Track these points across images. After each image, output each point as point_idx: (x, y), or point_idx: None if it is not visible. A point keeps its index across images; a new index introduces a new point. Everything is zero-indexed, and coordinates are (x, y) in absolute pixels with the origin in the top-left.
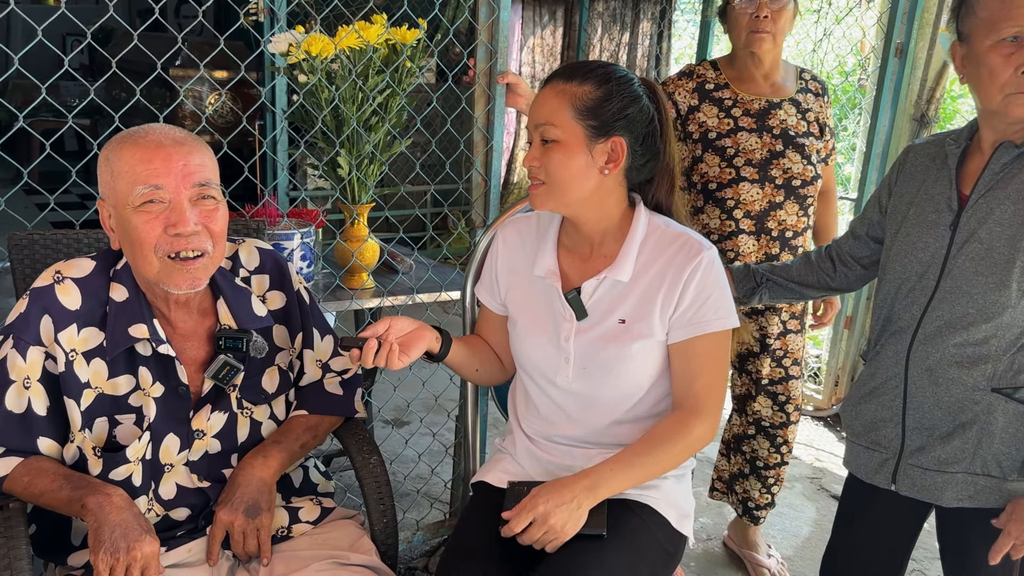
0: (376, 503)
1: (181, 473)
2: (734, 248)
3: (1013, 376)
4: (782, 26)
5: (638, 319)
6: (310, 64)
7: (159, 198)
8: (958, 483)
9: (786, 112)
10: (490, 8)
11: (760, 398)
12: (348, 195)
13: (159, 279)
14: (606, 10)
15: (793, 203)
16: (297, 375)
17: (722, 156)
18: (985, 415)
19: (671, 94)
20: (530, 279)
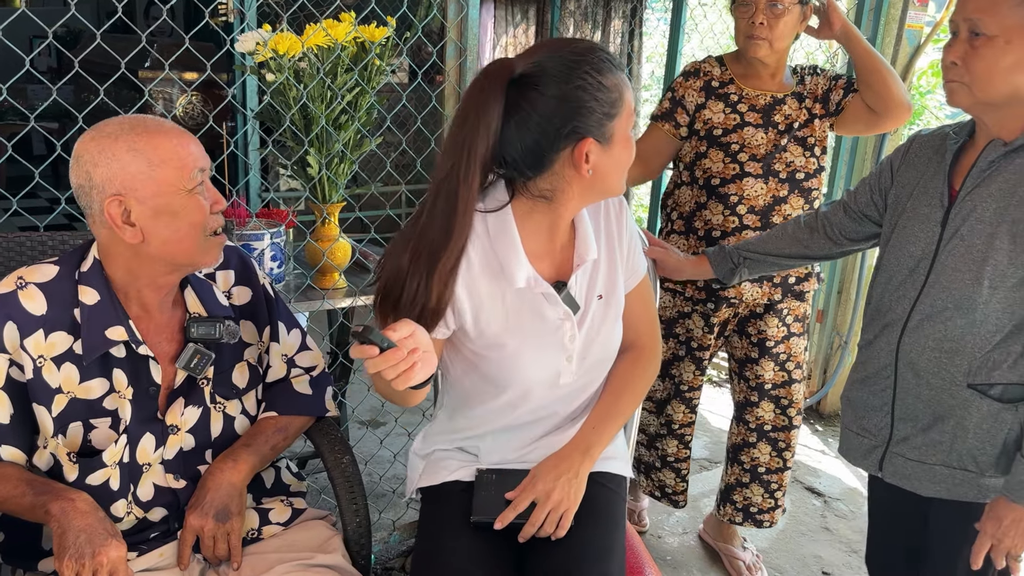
0: (348, 503)
1: (157, 472)
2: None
3: (988, 373)
4: (780, 32)
5: (611, 290)
6: (277, 63)
7: (203, 180)
8: (936, 475)
9: (790, 107)
10: (459, 6)
11: (763, 403)
12: (318, 194)
13: (196, 258)
14: (577, 8)
15: (797, 196)
16: (264, 370)
17: (726, 152)
18: (961, 410)
19: (680, 99)
20: (506, 296)
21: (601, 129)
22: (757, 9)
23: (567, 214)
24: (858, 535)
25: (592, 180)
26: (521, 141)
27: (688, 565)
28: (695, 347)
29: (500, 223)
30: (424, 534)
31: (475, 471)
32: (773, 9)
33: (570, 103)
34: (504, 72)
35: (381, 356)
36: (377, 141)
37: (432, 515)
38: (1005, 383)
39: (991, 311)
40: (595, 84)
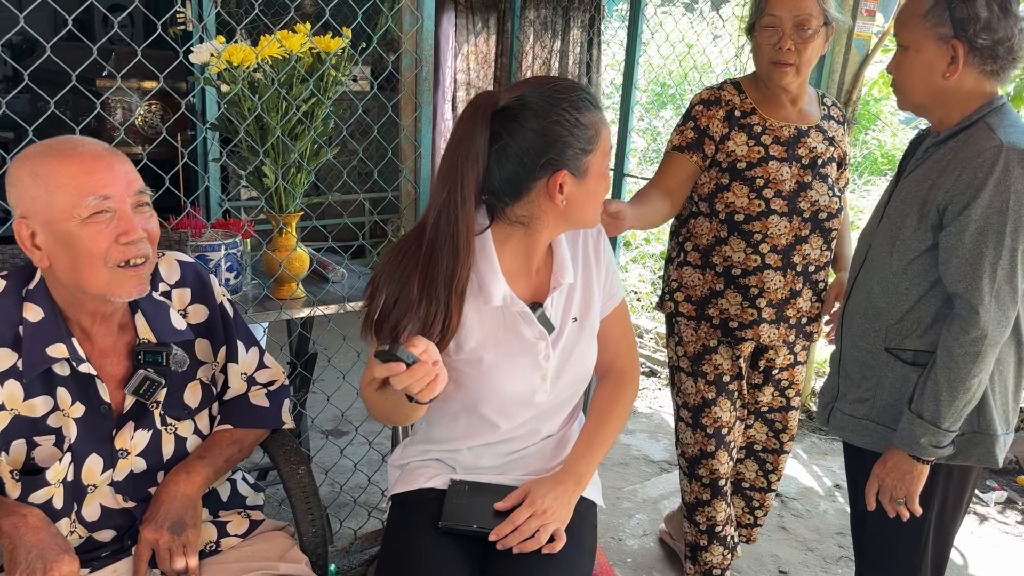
0: (305, 513)
1: (105, 493)
2: (759, 284)
3: (902, 339)
4: (808, 57)
5: (586, 313)
6: (231, 74)
7: (108, 208)
8: (864, 428)
9: (814, 139)
10: (414, 17)
11: (757, 424)
12: (274, 204)
13: (107, 290)
14: (537, 18)
15: (818, 236)
16: (221, 389)
17: (751, 187)
18: (880, 370)
19: (705, 129)
20: (485, 313)
21: (576, 163)
22: (784, 34)
23: (543, 240)
24: (814, 534)
25: (566, 210)
26: (501, 169)
27: (649, 567)
28: (727, 381)
29: (480, 245)
30: (391, 538)
31: (449, 480)
32: (802, 33)
33: (547, 137)
34: (490, 103)
35: (408, 371)
36: (334, 151)
37: (401, 520)
38: (915, 349)
39: (901, 281)
40: (572, 120)
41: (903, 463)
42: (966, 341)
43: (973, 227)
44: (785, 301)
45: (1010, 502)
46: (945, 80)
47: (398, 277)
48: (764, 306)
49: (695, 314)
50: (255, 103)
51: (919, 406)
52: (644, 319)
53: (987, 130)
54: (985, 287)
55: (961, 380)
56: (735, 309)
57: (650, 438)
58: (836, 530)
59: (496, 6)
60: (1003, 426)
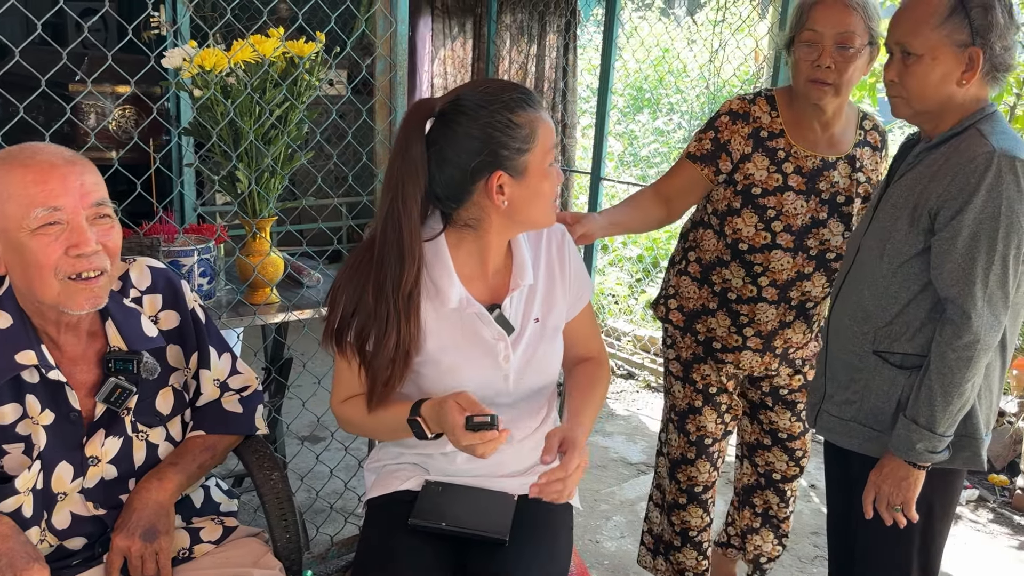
0: (278, 519)
1: (76, 501)
2: (750, 314)
3: (890, 342)
4: (849, 78)
5: (548, 313)
6: (203, 79)
7: (58, 219)
8: (851, 430)
9: (840, 173)
10: (387, 21)
11: (775, 451)
12: (248, 209)
13: (59, 301)
14: (513, 23)
15: (821, 275)
16: (194, 395)
17: (761, 216)
18: (868, 373)
19: (725, 143)
20: (443, 316)
21: (513, 163)
22: (824, 51)
23: (494, 241)
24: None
25: (510, 211)
26: (441, 174)
27: (626, 569)
28: (714, 392)
29: (434, 250)
30: (367, 540)
31: (424, 481)
32: (843, 52)
33: (480, 139)
34: (425, 111)
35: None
36: (308, 155)
37: (376, 521)
38: (904, 352)
39: (891, 284)
40: (505, 121)
41: (899, 469)
42: (959, 346)
43: (966, 232)
44: (774, 332)
45: (982, 500)
46: (960, 87)
47: (354, 286)
48: (751, 335)
49: (683, 325)
50: (228, 108)
51: (914, 412)
52: (622, 322)
53: (979, 136)
54: (978, 292)
55: (955, 385)
56: (722, 331)
57: (628, 440)
58: (811, 530)
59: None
60: (986, 428)
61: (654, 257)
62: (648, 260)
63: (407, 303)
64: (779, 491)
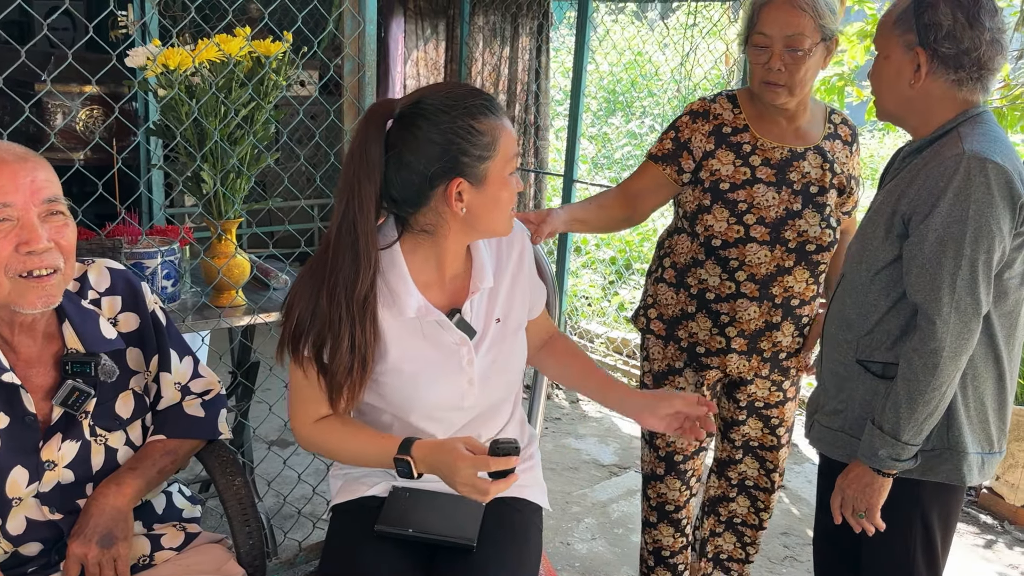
0: (241, 525)
1: (31, 506)
2: (731, 312)
3: (871, 351)
4: (802, 78)
5: (509, 313)
6: (167, 78)
7: (7, 216)
8: (839, 440)
9: (810, 163)
10: (356, 21)
11: (748, 459)
12: (213, 210)
13: (10, 300)
14: (486, 24)
15: (804, 269)
16: (154, 399)
17: (732, 211)
18: (852, 382)
19: (686, 142)
20: (400, 323)
21: (473, 170)
22: (774, 54)
23: (452, 247)
24: None
25: (468, 218)
26: (399, 178)
27: (596, 571)
28: None
29: (390, 258)
30: (332, 545)
31: (391, 487)
32: (793, 54)
33: (441, 144)
34: (385, 112)
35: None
36: (275, 156)
37: (343, 527)
38: (884, 362)
39: (869, 292)
40: (467, 127)
41: (864, 475)
42: (925, 352)
43: (932, 236)
44: (759, 333)
45: None
46: (911, 88)
47: (309, 292)
48: (734, 336)
49: (664, 333)
50: (192, 108)
51: (880, 418)
52: (595, 324)
53: (956, 139)
54: (944, 298)
55: (920, 392)
56: (704, 335)
57: (600, 442)
58: (781, 530)
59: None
60: (979, 444)
61: (627, 259)
62: (621, 262)
63: (362, 308)
64: (751, 495)
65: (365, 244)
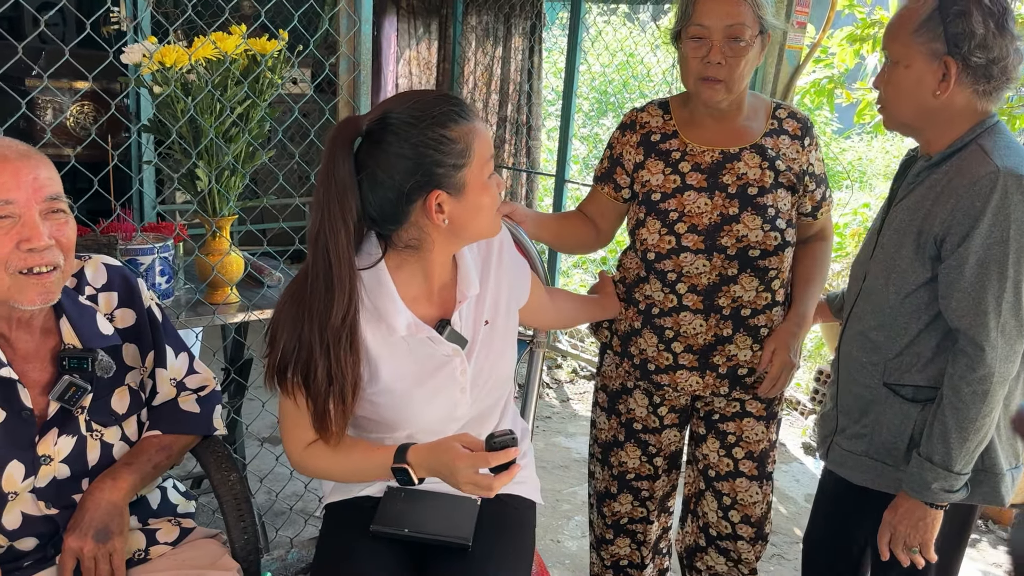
0: (236, 520)
1: (27, 501)
2: (675, 326)
3: (900, 374)
4: (741, 72)
5: (496, 313)
6: (163, 75)
7: (9, 213)
8: (862, 465)
9: (747, 164)
10: (351, 20)
11: (708, 496)
12: (208, 208)
13: (9, 296)
14: (479, 24)
15: (751, 277)
16: (150, 395)
17: (663, 221)
18: (879, 405)
19: (618, 157)
20: (389, 343)
21: (450, 180)
22: (714, 46)
23: (439, 259)
24: None
25: (452, 228)
26: (374, 196)
27: (586, 568)
28: (639, 429)
29: (375, 277)
30: (326, 544)
31: (385, 487)
32: (734, 45)
33: (413, 159)
34: (351, 131)
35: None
36: (270, 154)
37: (336, 526)
38: (915, 385)
39: (899, 315)
40: (437, 137)
41: (916, 510)
42: (973, 380)
43: (973, 259)
44: (710, 348)
45: None
46: (935, 99)
47: (292, 319)
48: (681, 351)
49: (620, 350)
50: (188, 105)
51: (928, 450)
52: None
53: (981, 154)
54: (991, 323)
55: (971, 420)
56: (652, 351)
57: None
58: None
59: (438, 12)
60: (1008, 461)
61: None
62: (612, 262)
63: (337, 336)
64: (720, 549)
65: (339, 270)
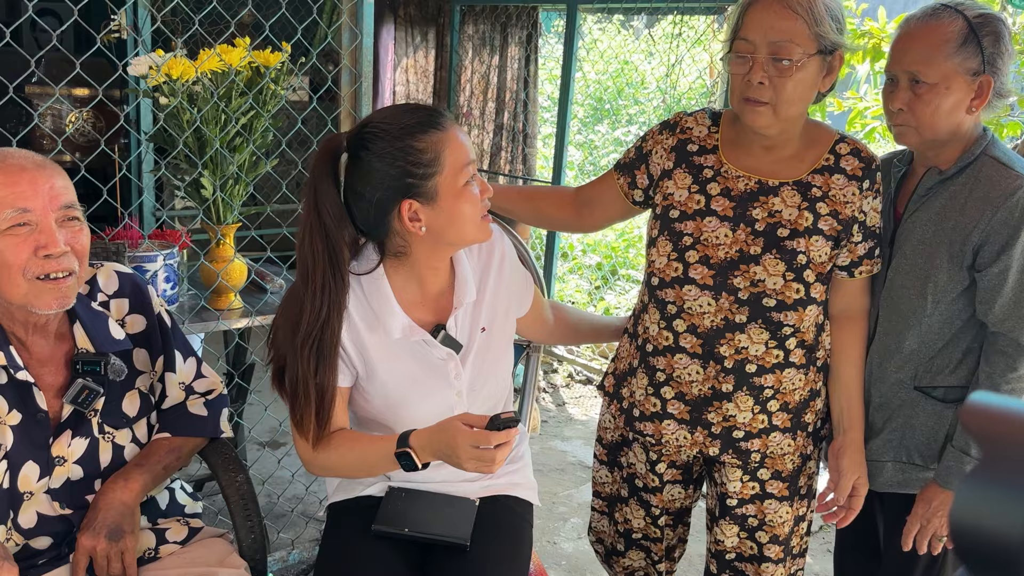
0: (243, 519)
1: (42, 501)
2: (667, 369)
3: (932, 377)
4: (790, 95)
5: (493, 320)
6: (170, 87)
7: (27, 221)
8: (888, 471)
9: (783, 200)
10: (353, 33)
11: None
12: (212, 216)
13: (27, 301)
14: (476, 33)
15: (760, 329)
16: (159, 398)
17: (675, 244)
18: (908, 409)
19: (647, 154)
20: (386, 345)
21: (421, 189)
22: (755, 64)
23: (428, 264)
24: None
25: (432, 235)
26: (358, 209)
27: (582, 569)
28: (640, 487)
29: (373, 282)
30: (329, 544)
31: (387, 487)
32: (778, 64)
33: (381, 170)
34: (334, 148)
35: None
36: (273, 163)
37: (338, 525)
38: (947, 386)
39: (934, 322)
40: (404, 148)
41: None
42: (1014, 378)
43: (1016, 266)
44: (705, 401)
45: None
46: (968, 116)
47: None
48: (671, 398)
49: (612, 391)
50: (194, 116)
51: (963, 443)
52: None
53: (998, 164)
54: None
55: None
56: (640, 394)
57: (585, 444)
58: None
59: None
60: None
61: (613, 265)
62: (607, 268)
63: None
64: None
65: (313, 279)
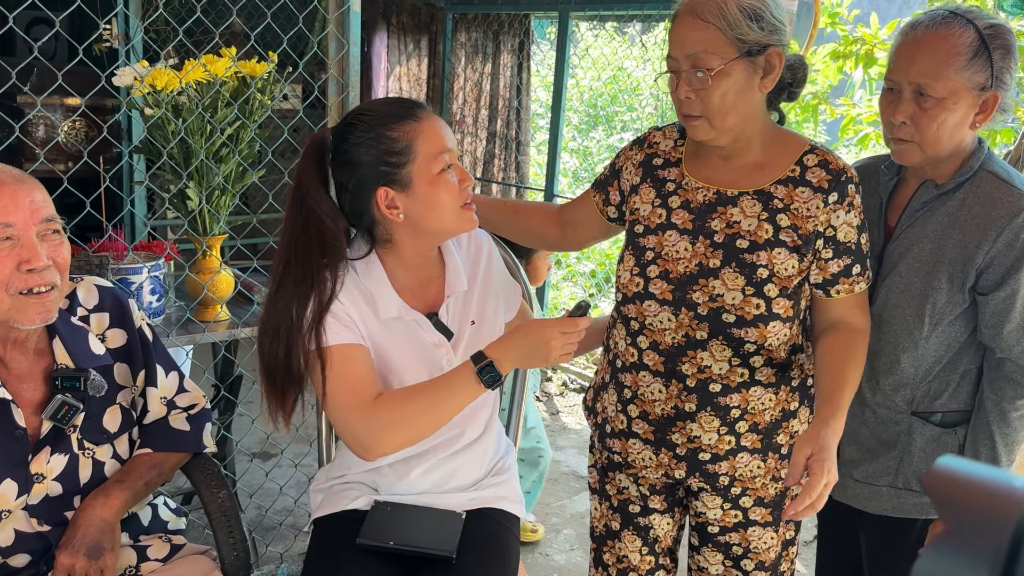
0: (226, 536)
1: (20, 518)
2: (633, 385)
3: (930, 402)
4: (719, 105)
5: (482, 315)
6: (155, 98)
7: (9, 235)
8: (883, 495)
9: (742, 210)
10: (339, 43)
11: None
12: (198, 227)
13: (10, 316)
14: (468, 41)
15: (722, 345)
16: (141, 413)
17: (637, 259)
18: (906, 436)
19: (620, 169)
20: (383, 328)
21: (395, 176)
22: (680, 80)
23: (413, 251)
24: None
25: (410, 223)
26: (343, 199)
27: None
28: (635, 513)
29: (368, 266)
30: (313, 557)
31: (372, 501)
32: (699, 76)
33: (356, 159)
34: (320, 142)
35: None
36: (260, 174)
37: (323, 540)
38: (945, 411)
39: (931, 345)
40: (377, 137)
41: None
42: (1022, 405)
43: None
44: (668, 421)
45: None
46: (972, 130)
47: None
48: (636, 416)
49: (591, 404)
50: (179, 127)
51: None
52: None
53: (997, 180)
54: None
55: (1018, 443)
56: (611, 410)
57: (579, 454)
58: None
59: (428, 28)
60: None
61: (607, 273)
62: (601, 276)
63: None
64: None
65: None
